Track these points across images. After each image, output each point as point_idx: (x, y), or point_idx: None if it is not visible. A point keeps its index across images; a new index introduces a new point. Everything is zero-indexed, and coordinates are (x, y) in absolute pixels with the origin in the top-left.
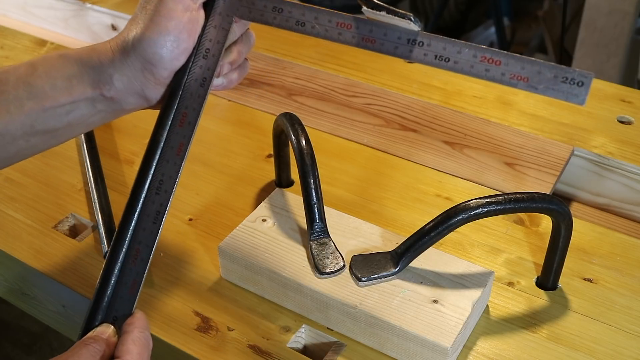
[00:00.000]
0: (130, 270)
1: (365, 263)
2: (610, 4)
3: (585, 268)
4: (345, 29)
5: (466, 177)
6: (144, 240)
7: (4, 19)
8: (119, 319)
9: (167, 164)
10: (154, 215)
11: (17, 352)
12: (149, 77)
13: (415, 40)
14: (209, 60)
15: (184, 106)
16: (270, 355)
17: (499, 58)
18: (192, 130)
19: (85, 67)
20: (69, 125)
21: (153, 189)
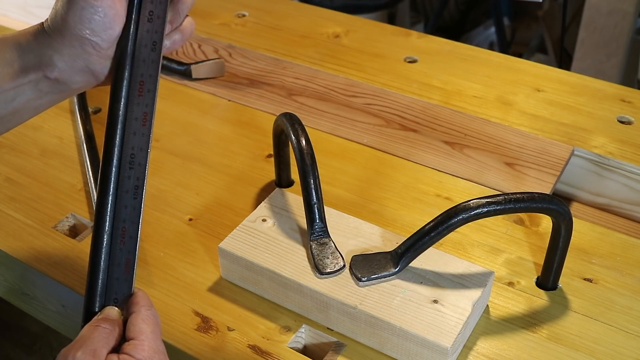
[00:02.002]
0: (120, 250)
1: (365, 263)
2: (610, 4)
3: (585, 268)
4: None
5: (466, 177)
6: (127, 217)
7: (4, 19)
8: (120, 300)
9: (134, 137)
10: (132, 191)
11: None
12: (90, 51)
13: None
14: (154, 23)
15: (139, 74)
16: (270, 355)
17: None
18: (154, 98)
19: (24, 52)
20: (16, 112)
21: (126, 164)
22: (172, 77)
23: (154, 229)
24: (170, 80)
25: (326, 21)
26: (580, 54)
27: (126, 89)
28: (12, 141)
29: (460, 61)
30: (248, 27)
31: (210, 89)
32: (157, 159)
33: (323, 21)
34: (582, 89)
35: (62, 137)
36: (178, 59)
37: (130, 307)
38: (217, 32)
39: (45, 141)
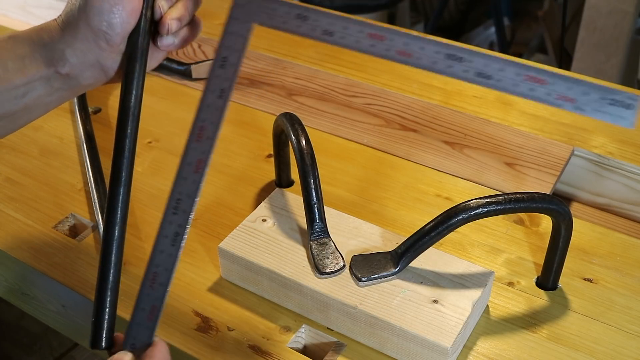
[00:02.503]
0: (148, 295)
1: (365, 263)
2: (610, 4)
3: (585, 268)
4: (378, 41)
5: (466, 177)
6: (162, 263)
7: (4, 19)
8: (137, 347)
9: (184, 182)
10: (172, 237)
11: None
12: (103, 45)
13: (455, 55)
14: (227, 70)
15: (201, 119)
16: (270, 355)
17: (544, 77)
18: (211, 146)
19: (36, 46)
20: (26, 108)
21: (170, 209)
22: (172, 77)
23: (154, 229)
24: (170, 80)
25: None
26: (580, 54)
27: (137, 81)
28: (12, 141)
29: None
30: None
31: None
32: (157, 159)
33: None
34: None
35: (62, 137)
36: (178, 59)
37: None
38: (217, 32)
39: (45, 141)
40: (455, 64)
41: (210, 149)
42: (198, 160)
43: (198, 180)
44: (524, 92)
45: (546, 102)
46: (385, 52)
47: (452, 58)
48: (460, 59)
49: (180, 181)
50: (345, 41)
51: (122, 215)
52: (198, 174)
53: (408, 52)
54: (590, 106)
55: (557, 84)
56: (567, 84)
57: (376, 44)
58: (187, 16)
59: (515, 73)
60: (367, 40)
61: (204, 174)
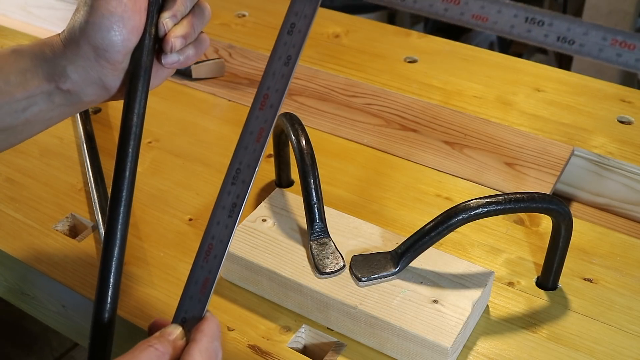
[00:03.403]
0: (202, 268)
1: (365, 263)
2: (610, 4)
3: (585, 268)
4: (453, 5)
5: (466, 177)
6: (217, 235)
7: (4, 19)
8: (188, 320)
9: (245, 151)
10: (229, 208)
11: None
12: (104, 64)
13: (535, 18)
14: (294, 36)
15: (265, 87)
16: (270, 355)
17: (633, 42)
18: (275, 114)
19: (38, 61)
20: (27, 122)
21: (229, 179)
22: (172, 77)
23: (154, 229)
24: (170, 80)
25: (326, 21)
26: None
27: (140, 100)
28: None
29: (460, 61)
30: (248, 27)
31: (210, 89)
32: (157, 159)
33: (323, 21)
34: (582, 89)
35: (62, 137)
36: None
37: (194, 333)
38: (217, 32)
39: (45, 141)
40: (534, 28)
41: (274, 117)
42: (260, 128)
43: (260, 149)
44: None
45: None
46: (460, 15)
47: (531, 22)
48: (541, 22)
49: (241, 151)
50: (418, 5)
51: (121, 235)
52: (260, 143)
53: (484, 15)
54: None
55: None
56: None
57: (450, 8)
58: (193, 34)
59: (602, 37)
60: (441, 4)
61: (266, 143)
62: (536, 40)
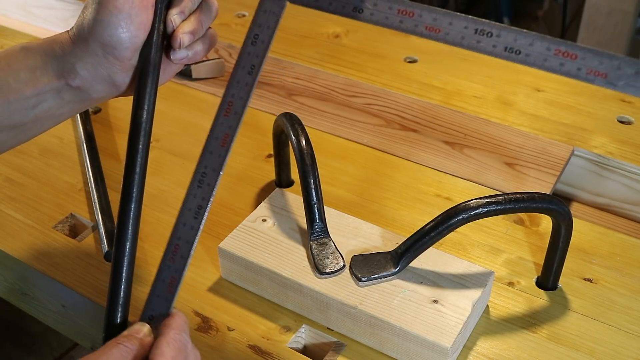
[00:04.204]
0: (168, 268)
1: (365, 263)
2: (610, 4)
3: (585, 268)
4: (407, 17)
5: (466, 177)
6: (183, 236)
7: (4, 19)
8: (155, 318)
9: (210, 156)
10: (195, 210)
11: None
12: (112, 60)
13: (484, 30)
14: (257, 47)
15: (230, 94)
16: (270, 355)
17: (575, 52)
18: (239, 121)
19: (48, 58)
20: (37, 119)
21: (195, 182)
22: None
23: (154, 229)
24: (170, 80)
25: (326, 21)
26: None
27: (149, 96)
28: None
29: (460, 61)
30: (248, 27)
31: (210, 89)
32: (157, 159)
33: (323, 21)
34: (582, 89)
35: (62, 137)
36: None
37: (161, 328)
38: (217, 32)
39: (45, 141)
40: (483, 39)
41: (237, 124)
42: (225, 134)
43: (224, 154)
44: (553, 67)
45: (576, 77)
46: (414, 28)
47: (480, 33)
48: (490, 34)
49: (206, 155)
50: (375, 18)
51: (133, 231)
52: (224, 147)
53: (436, 27)
54: (624, 81)
55: (588, 58)
56: (599, 58)
57: (405, 20)
58: (201, 30)
59: (546, 47)
60: (396, 17)
61: (230, 148)
62: (485, 50)
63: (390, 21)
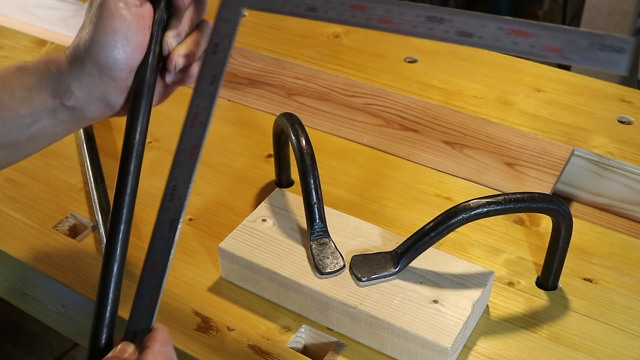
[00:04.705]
0: (147, 283)
1: (365, 263)
2: (610, 4)
3: (585, 268)
4: (359, 11)
5: (466, 177)
6: (160, 249)
7: (4, 19)
8: (138, 333)
9: (180, 168)
10: (168, 224)
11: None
12: (108, 81)
13: (435, 16)
14: (218, 55)
15: (194, 106)
16: (270, 355)
17: (528, 29)
18: (204, 131)
19: (43, 77)
20: (32, 138)
21: (167, 196)
22: None
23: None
24: None
25: None
26: None
27: (143, 117)
28: None
29: (460, 61)
30: (248, 27)
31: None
32: (157, 159)
33: None
34: (582, 89)
35: None
36: None
37: (146, 342)
38: None
39: None
40: (436, 26)
41: (203, 134)
42: (192, 146)
43: (192, 165)
44: (507, 47)
45: (530, 54)
46: (367, 21)
47: (432, 20)
48: (441, 19)
49: (175, 168)
50: (328, 15)
51: (121, 252)
52: (192, 159)
53: (389, 18)
54: (579, 54)
55: (542, 35)
56: (552, 34)
57: (358, 14)
58: (197, 52)
59: (497, 27)
60: (349, 12)
61: (198, 159)
62: (438, 37)
63: (344, 17)
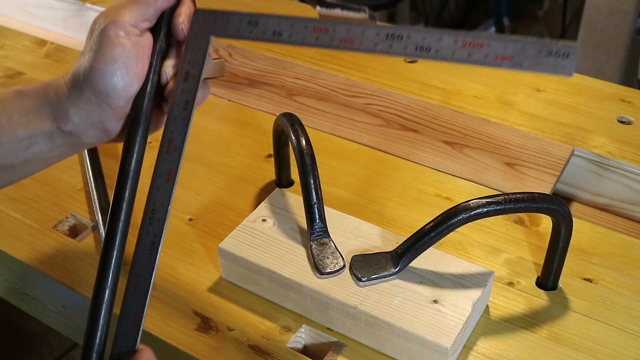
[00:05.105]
0: (131, 306)
1: (365, 263)
2: (610, 4)
3: (585, 268)
4: (322, 33)
5: (466, 177)
6: (141, 272)
7: (4, 19)
8: (123, 356)
9: (157, 192)
10: (149, 246)
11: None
12: (105, 108)
13: (394, 34)
14: (190, 82)
15: (169, 132)
16: (270, 355)
17: (481, 40)
18: (180, 155)
19: (42, 102)
20: (27, 161)
21: (146, 219)
22: None
23: None
24: None
25: None
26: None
27: (139, 144)
28: None
29: None
30: None
31: (210, 89)
32: None
33: None
34: (582, 89)
35: None
36: None
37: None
38: None
39: None
40: (395, 43)
41: (179, 158)
42: (169, 169)
43: (170, 189)
44: (462, 58)
45: (485, 64)
46: (330, 42)
47: (391, 37)
48: (400, 37)
49: (153, 192)
50: (293, 39)
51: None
52: (169, 183)
53: (350, 38)
54: (528, 60)
55: (493, 45)
56: (503, 43)
57: (320, 36)
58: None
59: (453, 41)
60: (312, 34)
61: (175, 182)
62: (398, 53)
63: (307, 39)
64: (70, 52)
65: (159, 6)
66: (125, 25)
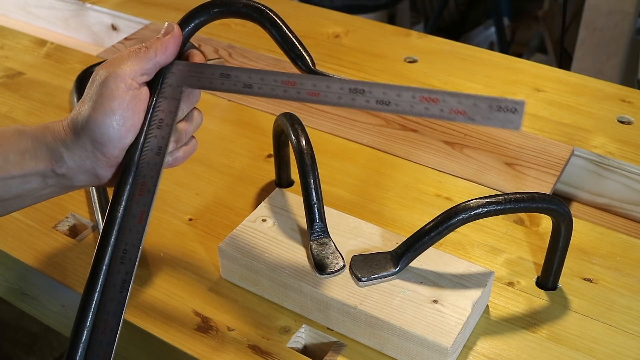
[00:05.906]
0: (100, 342)
1: (365, 263)
2: (610, 4)
3: (585, 268)
4: (290, 86)
5: (466, 177)
6: (112, 310)
7: (4, 19)
8: None
9: (129, 233)
10: (120, 285)
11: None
12: (99, 156)
13: (357, 88)
14: (163, 130)
15: (142, 175)
16: (270, 355)
17: (436, 96)
18: (152, 198)
19: (38, 144)
20: (19, 197)
21: (117, 259)
22: None
23: (154, 229)
24: None
25: (326, 21)
26: (580, 54)
27: (128, 192)
28: None
29: (460, 61)
30: (248, 27)
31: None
32: None
33: (323, 21)
34: (582, 89)
35: None
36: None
37: None
38: (217, 32)
39: None
40: (357, 97)
41: (152, 201)
42: (141, 211)
43: (142, 230)
44: (420, 112)
45: (441, 117)
46: (297, 95)
47: (354, 92)
48: (362, 91)
49: (125, 233)
50: (262, 91)
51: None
52: (141, 224)
53: (316, 91)
54: (480, 115)
55: (448, 100)
56: (457, 99)
57: (289, 89)
58: (184, 138)
59: (411, 96)
60: (281, 87)
61: (147, 223)
62: (360, 105)
63: (276, 92)
64: (70, 52)
65: (158, 62)
66: (126, 78)
